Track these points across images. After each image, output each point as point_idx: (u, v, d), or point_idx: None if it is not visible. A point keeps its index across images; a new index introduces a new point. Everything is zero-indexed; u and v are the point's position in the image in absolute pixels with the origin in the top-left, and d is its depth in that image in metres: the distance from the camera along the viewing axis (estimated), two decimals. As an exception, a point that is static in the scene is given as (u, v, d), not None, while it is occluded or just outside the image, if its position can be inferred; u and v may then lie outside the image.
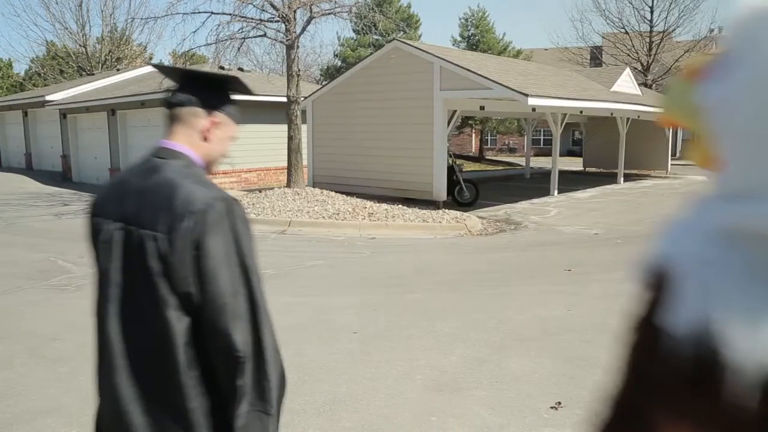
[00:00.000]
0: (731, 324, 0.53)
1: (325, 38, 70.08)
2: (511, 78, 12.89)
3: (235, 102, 1.68)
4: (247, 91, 1.77)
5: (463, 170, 13.99)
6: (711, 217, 0.60)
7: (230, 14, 12.85)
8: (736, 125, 0.57)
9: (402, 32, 35.71)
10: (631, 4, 27.82)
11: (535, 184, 17.28)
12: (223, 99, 1.65)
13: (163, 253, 1.37)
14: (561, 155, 21.00)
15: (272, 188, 13.94)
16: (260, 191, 13.60)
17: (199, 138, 1.59)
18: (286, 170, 14.39)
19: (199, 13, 12.88)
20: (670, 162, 21.51)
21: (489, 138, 38.83)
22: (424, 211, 10.71)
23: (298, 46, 13.32)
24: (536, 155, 33.00)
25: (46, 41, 32.61)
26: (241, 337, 1.32)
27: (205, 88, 1.63)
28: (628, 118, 17.82)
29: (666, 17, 27.38)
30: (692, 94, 0.62)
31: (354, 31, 33.51)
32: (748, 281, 0.55)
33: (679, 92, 0.66)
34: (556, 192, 14.59)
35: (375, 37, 30.83)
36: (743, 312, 0.53)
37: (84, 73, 28.06)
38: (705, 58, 0.64)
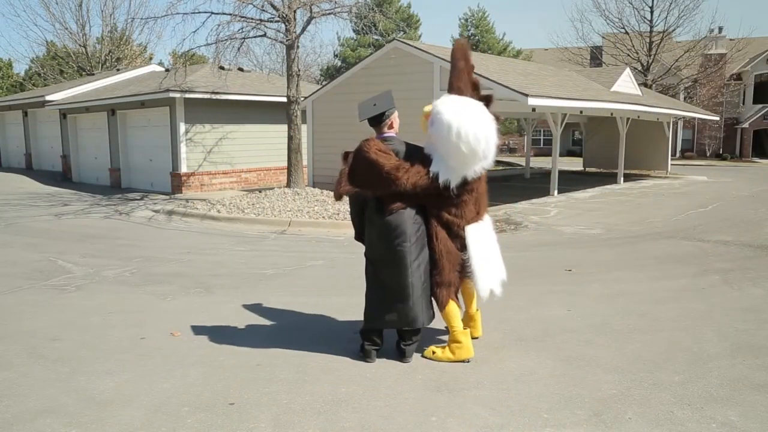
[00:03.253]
0: (442, 173, 3.88)
1: (325, 38, 70.08)
2: (512, 78, 12.89)
3: (390, 110, 4.17)
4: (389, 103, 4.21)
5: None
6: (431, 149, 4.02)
7: (230, 14, 12.85)
8: (433, 132, 3.95)
9: (402, 32, 35.73)
10: (631, 4, 27.83)
11: (534, 184, 17.29)
12: (386, 110, 4.12)
13: None
14: (561, 155, 21.02)
15: (272, 188, 13.94)
16: (260, 191, 13.60)
17: (389, 128, 4.15)
18: (285, 170, 14.39)
19: (199, 13, 12.88)
20: (669, 162, 21.51)
21: (489, 138, 38.70)
22: (424, 211, 10.71)
23: (298, 46, 13.31)
24: (536, 155, 33.01)
25: (46, 41, 32.64)
26: None
27: (381, 111, 4.10)
28: (628, 118, 17.82)
29: (666, 17, 27.40)
30: (425, 121, 4.08)
31: (354, 31, 33.51)
32: (444, 163, 3.89)
33: (422, 120, 4.14)
34: (556, 192, 14.59)
35: (375, 37, 30.85)
36: (444, 170, 3.88)
37: (84, 73, 28.06)
38: (427, 110, 4.09)
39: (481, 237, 4.11)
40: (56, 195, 15.93)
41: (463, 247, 4.07)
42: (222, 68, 14.48)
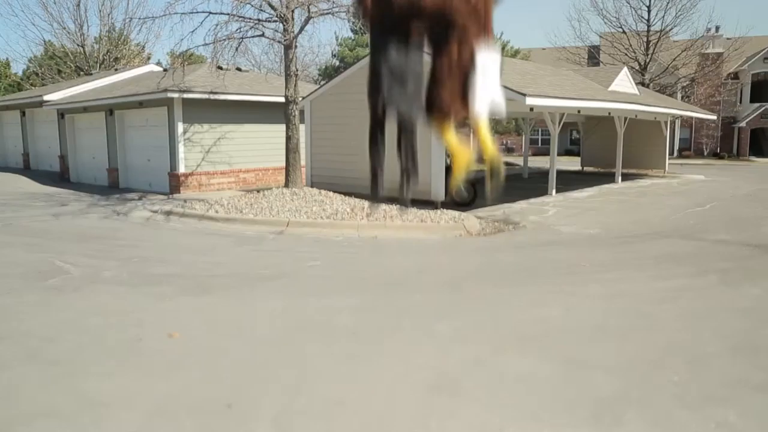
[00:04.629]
0: None
1: (323, 38, 69.92)
2: (509, 77, 12.88)
3: None
4: None
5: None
6: None
7: (228, 14, 12.82)
8: None
9: (400, 32, 35.63)
10: (629, 3, 27.90)
11: (533, 184, 17.27)
12: None
13: None
14: (559, 155, 20.98)
15: (270, 188, 13.91)
16: (258, 191, 13.57)
17: None
18: (284, 170, 14.36)
19: (197, 13, 12.85)
20: (667, 161, 21.53)
21: (487, 137, 38.70)
22: (423, 211, 10.69)
23: (296, 46, 13.29)
24: (534, 155, 32.99)
25: (44, 41, 32.49)
26: None
27: None
28: (625, 118, 17.83)
29: (663, 17, 27.48)
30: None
31: (352, 30, 33.46)
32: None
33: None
34: (554, 192, 14.59)
35: (373, 36, 30.69)
36: None
37: (82, 73, 27.99)
38: None
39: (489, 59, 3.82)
40: (54, 195, 15.89)
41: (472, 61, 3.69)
42: (220, 68, 14.45)
